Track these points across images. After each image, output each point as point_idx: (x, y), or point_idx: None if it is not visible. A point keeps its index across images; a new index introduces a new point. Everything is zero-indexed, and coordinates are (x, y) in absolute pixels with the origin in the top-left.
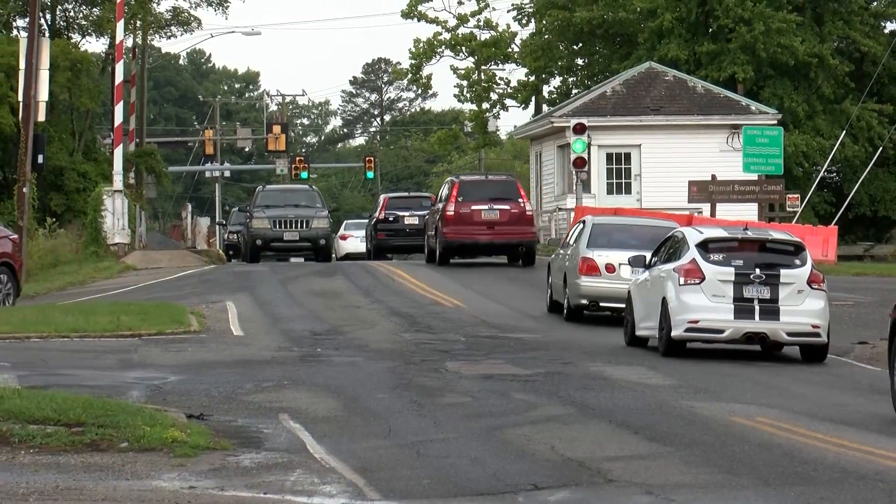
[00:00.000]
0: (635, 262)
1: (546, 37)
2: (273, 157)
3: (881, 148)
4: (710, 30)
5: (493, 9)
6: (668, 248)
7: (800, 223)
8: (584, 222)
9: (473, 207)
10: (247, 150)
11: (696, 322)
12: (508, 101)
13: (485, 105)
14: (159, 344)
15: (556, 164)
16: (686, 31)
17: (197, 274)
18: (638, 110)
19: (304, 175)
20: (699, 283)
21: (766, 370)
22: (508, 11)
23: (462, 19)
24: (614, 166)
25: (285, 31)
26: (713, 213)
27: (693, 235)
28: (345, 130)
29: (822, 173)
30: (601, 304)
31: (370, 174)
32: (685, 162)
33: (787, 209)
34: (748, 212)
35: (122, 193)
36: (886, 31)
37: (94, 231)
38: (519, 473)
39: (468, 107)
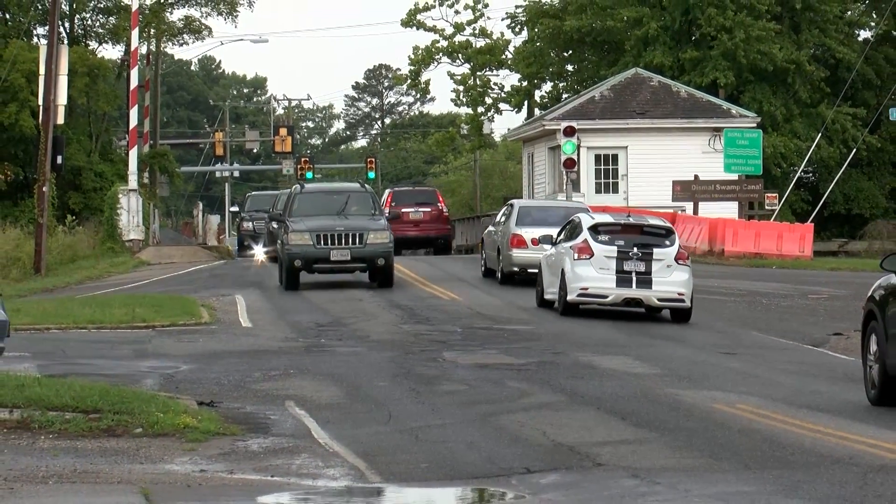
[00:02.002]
0: (544, 240)
1: (538, 44)
2: (280, 158)
3: (855, 149)
4: (693, 38)
5: (488, 18)
6: (569, 229)
7: (778, 220)
8: (511, 205)
9: (404, 210)
10: (255, 151)
11: (587, 289)
12: (502, 105)
13: (480, 109)
14: (172, 335)
15: (548, 165)
16: (670, 39)
17: (208, 269)
18: (625, 114)
19: (310, 175)
20: (589, 259)
21: (746, 361)
22: (502, 20)
23: (458, 28)
24: (602, 167)
25: (291, 38)
26: (696, 211)
27: (586, 220)
28: (347, 133)
29: (798, 173)
30: (528, 271)
31: (371, 174)
32: (669, 163)
33: (766, 207)
34: (729, 210)
35: (136, 192)
36: (860, 38)
37: (111, 228)
38: (512, 457)
39: (464, 110)
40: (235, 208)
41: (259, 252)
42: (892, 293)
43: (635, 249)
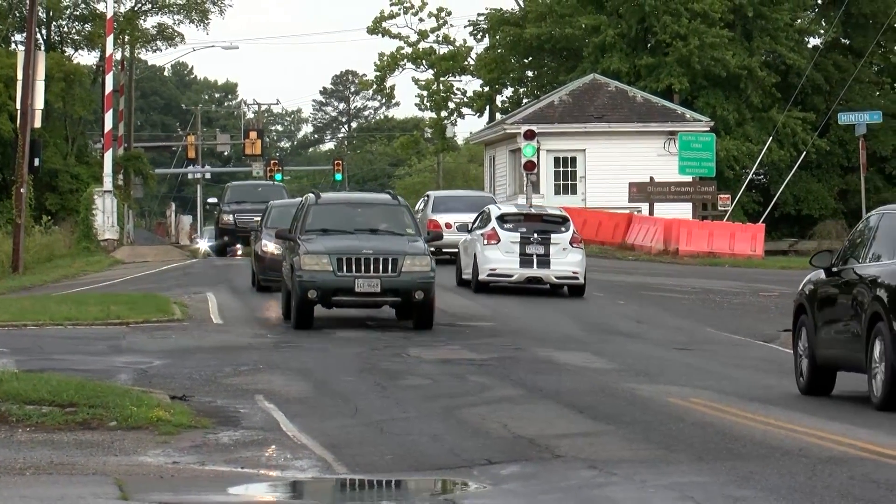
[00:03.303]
0: (461, 228)
1: (499, 51)
2: (250, 161)
3: (804, 153)
4: (649, 45)
5: (451, 26)
6: (481, 219)
7: (730, 221)
8: (428, 196)
9: None
10: (226, 153)
11: (495, 270)
12: (465, 110)
13: (443, 113)
14: (145, 331)
15: (508, 167)
16: (627, 46)
17: (180, 267)
18: (583, 118)
19: (279, 177)
20: (497, 244)
21: (700, 357)
22: (465, 27)
23: (423, 35)
24: (561, 169)
25: (261, 45)
26: (651, 212)
27: (495, 211)
28: (315, 136)
29: (750, 175)
30: (443, 251)
31: (338, 176)
32: (626, 165)
33: (719, 208)
34: (683, 211)
35: (111, 194)
36: (809, 45)
37: (86, 228)
38: (474, 449)
39: (428, 115)
40: (213, 200)
41: (203, 244)
42: (820, 289)
43: (536, 235)
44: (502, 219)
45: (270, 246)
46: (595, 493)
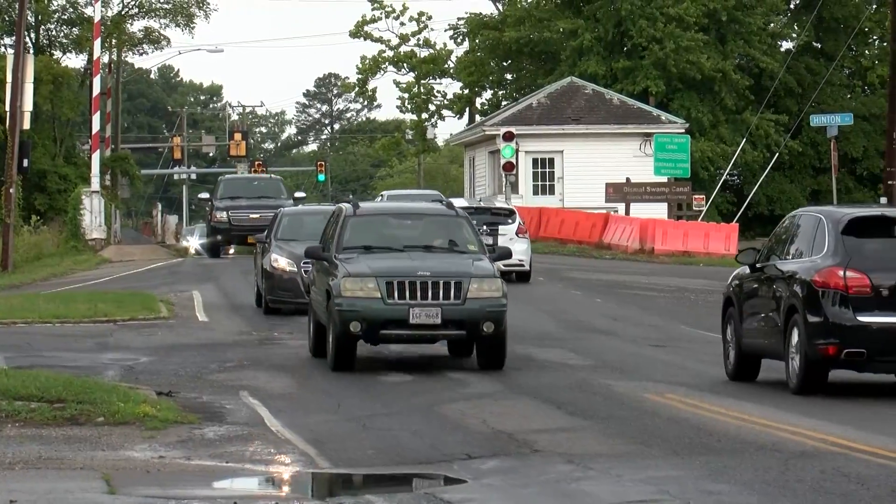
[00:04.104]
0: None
1: (479, 54)
2: (235, 162)
3: (777, 154)
4: (626, 48)
5: (432, 30)
6: None
7: (705, 221)
8: (382, 195)
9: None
10: (211, 154)
11: None
12: (445, 112)
13: (424, 115)
14: (132, 329)
15: (488, 168)
16: (604, 50)
17: (166, 266)
18: (560, 120)
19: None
20: None
21: (675, 353)
22: (445, 31)
23: (404, 39)
24: (539, 170)
25: (245, 48)
26: (627, 212)
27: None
28: (299, 138)
29: (724, 176)
30: None
31: (321, 177)
32: (603, 166)
33: (694, 208)
34: (659, 211)
35: (98, 194)
36: (782, 49)
37: (74, 228)
38: (454, 444)
39: (409, 117)
40: (205, 195)
41: (193, 242)
42: (745, 283)
43: (484, 227)
44: None
45: (282, 261)
46: (572, 486)
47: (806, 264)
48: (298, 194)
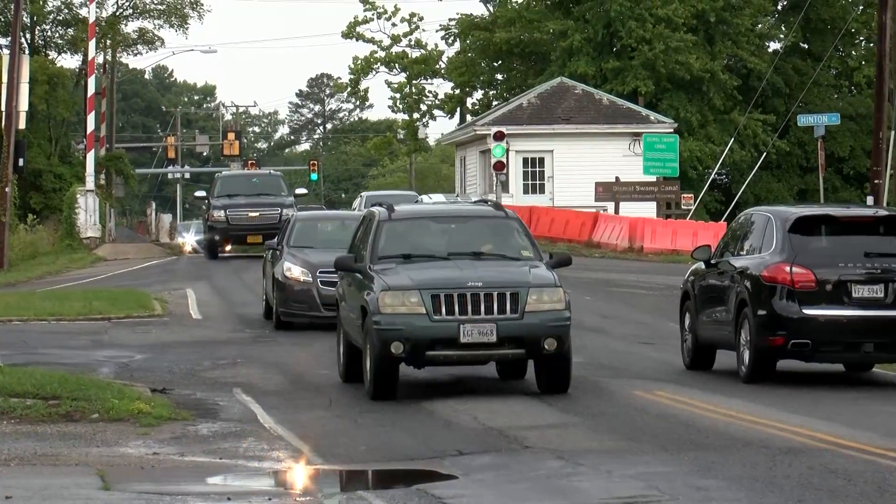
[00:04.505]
0: None
1: (469, 55)
2: (228, 161)
3: (765, 153)
4: (615, 49)
5: (423, 30)
6: None
7: (693, 220)
8: (362, 196)
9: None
10: (204, 154)
11: None
12: (436, 112)
13: (415, 115)
14: (127, 326)
15: (479, 168)
16: (593, 50)
17: (160, 264)
18: (551, 120)
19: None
20: None
21: (664, 351)
22: (436, 32)
23: (395, 39)
24: (530, 169)
25: (239, 49)
26: (617, 211)
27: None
28: (292, 137)
29: (713, 175)
30: None
31: (314, 176)
32: (592, 165)
33: (682, 207)
34: (648, 210)
35: (93, 193)
36: (770, 49)
37: (69, 226)
38: (445, 441)
39: (401, 116)
40: (201, 193)
41: (189, 238)
42: (700, 278)
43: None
44: None
45: (296, 270)
46: (563, 482)
47: (756, 260)
48: (300, 191)
